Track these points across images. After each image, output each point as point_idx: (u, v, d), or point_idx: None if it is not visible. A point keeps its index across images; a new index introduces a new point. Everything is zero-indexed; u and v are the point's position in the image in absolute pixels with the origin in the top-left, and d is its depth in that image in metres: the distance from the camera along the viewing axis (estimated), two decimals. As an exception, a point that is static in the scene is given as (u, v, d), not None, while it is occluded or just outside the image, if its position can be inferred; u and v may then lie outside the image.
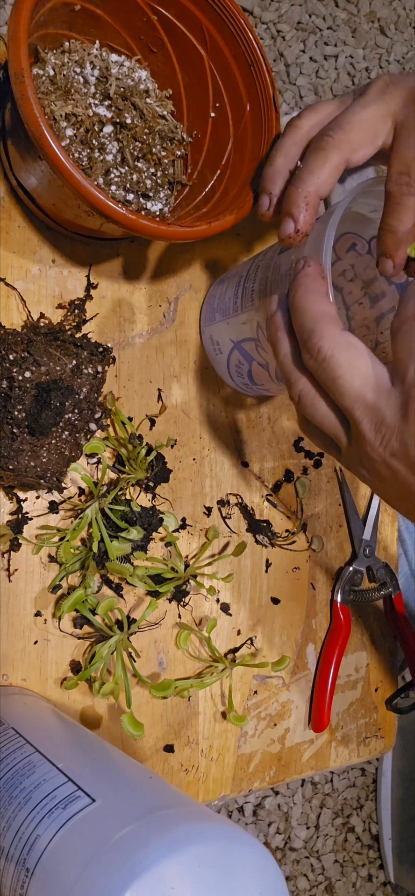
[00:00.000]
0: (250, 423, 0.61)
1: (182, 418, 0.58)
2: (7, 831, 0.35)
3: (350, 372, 0.37)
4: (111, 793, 0.36)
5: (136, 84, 0.52)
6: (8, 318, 0.51)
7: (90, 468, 0.53)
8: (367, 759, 0.67)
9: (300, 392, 0.40)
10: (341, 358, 0.37)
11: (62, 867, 0.32)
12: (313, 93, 1.54)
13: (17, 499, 0.51)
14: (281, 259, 0.47)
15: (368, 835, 1.43)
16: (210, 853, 0.32)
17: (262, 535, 0.61)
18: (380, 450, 0.37)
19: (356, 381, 0.37)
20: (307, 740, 0.63)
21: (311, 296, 0.39)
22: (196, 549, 0.58)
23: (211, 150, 0.54)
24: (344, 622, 0.64)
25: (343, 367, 0.37)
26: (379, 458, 0.37)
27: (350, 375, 0.37)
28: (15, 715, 0.45)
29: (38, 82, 0.49)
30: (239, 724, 0.58)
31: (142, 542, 0.54)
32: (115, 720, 0.53)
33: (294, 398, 0.41)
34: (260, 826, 1.34)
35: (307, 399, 0.40)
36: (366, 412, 0.37)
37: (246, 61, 0.51)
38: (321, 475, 0.65)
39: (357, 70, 1.43)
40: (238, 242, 0.61)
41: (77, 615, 0.52)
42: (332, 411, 0.39)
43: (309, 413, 0.40)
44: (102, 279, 0.55)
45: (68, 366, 0.47)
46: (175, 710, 0.56)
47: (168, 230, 0.45)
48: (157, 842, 0.31)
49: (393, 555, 0.68)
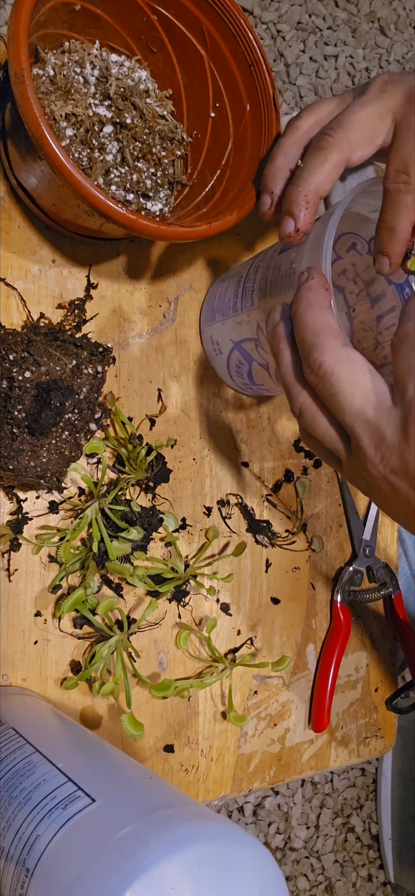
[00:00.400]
0: (250, 423, 0.61)
1: (182, 418, 0.58)
2: (7, 831, 0.35)
3: (351, 388, 0.37)
4: (111, 793, 0.36)
5: (136, 84, 0.52)
6: (8, 318, 0.51)
7: (90, 468, 0.53)
8: (367, 759, 0.67)
9: (301, 406, 0.40)
10: (342, 374, 0.37)
11: (62, 867, 0.32)
12: (313, 93, 1.54)
13: (17, 499, 0.51)
14: (281, 259, 0.47)
15: (368, 835, 1.43)
16: (210, 853, 0.32)
17: (262, 535, 0.61)
18: (380, 467, 0.37)
19: (357, 398, 0.37)
20: (307, 740, 0.63)
21: (313, 309, 0.39)
22: (196, 549, 0.58)
23: (211, 150, 0.54)
24: (344, 622, 0.64)
25: (344, 382, 0.37)
26: (379, 475, 0.37)
27: (351, 392, 0.37)
28: (15, 715, 0.45)
29: (38, 82, 0.49)
30: (239, 724, 0.58)
31: (142, 542, 0.54)
32: (115, 720, 0.53)
33: (295, 412, 0.41)
34: (260, 826, 1.34)
35: (308, 413, 0.40)
36: (366, 429, 0.37)
37: (246, 61, 0.51)
38: (321, 475, 0.65)
39: (357, 70, 1.43)
40: (238, 242, 0.61)
41: (77, 615, 0.52)
42: (332, 426, 0.39)
43: (310, 427, 0.40)
44: (102, 279, 0.55)
45: (68, 366, 0.47)
46: (175, 710, 0.56)
47: (168, 230, 0.45)
48: (157, 842, 0.31)
49: (393, 555, 0.68)
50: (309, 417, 0.40)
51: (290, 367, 0.41)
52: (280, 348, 0.41)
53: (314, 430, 0.40)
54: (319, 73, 1.42)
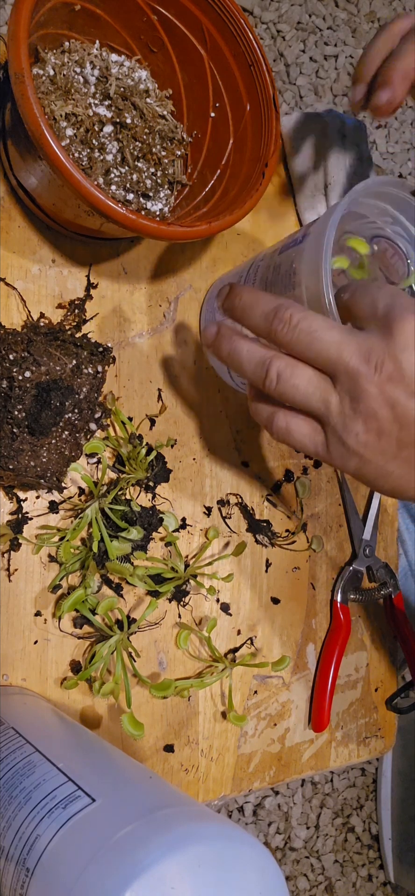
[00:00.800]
0: (250, 423, 0.61)
1: (182, 418, 0.58)
2: (7, 831, 0.35)
3: (326, 324, 0.37)
4: (111, 793, 0.36)
5: (136, 84, 0.52)
6: (8, 318, 0.51)
7: (90, 468, 0.53)
8: (367, 759, 0.67)
9: (279, 368, 0.38)
10: (313, 317, 0.37)
11: (62, 867, 0.32)
12: (313, 93, 1.54)
13: (17, 499, 0.51)
14: (281, 259, 0.47)
15: (368, 835, 1.43)
16: (210, 853, 0.32)
17: (262, 535, 0.61)
18: (376, 378, 0.36)
19: (335, 330, 0.37)
20: (307, 740, 0.63)
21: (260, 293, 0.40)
22: (196, 549, 0.58)
23: (211, 150, 0.54)
24: (344, 622, 0.64)
25: (319, 320, 0.37)
26: (376, 391, 0.36)
27: (328, 325, 0.37)
28: (15, 715, 0.45)
29: (38, 82, 0.49)
30: (239, 723, 0.58)
31: (142, 542, 0.54)
32: (115, 720, 0.53)
33: (272, 378, 0.39)
34: (260, 826, 1.34)
35: (288, 371, 0.38)
36: (353, 349, 0.36)
37: (246, 61, 0.51)
38: (321, 475, 0.65)
39: (357, 70, 1.43)
40: (238, 242, 0.61)
41: (77, 615, 0.52)
42: (315, 373, 0.38)
43: (291, 385, 0.38)
44: (102, 279, 0.55)
45: (68, 366, 0.47)
46: (175, 710, 0.56)
47: (168, 230, 0.45)
48: (157, 842, 0.31)
49: (393, 555, 0.68)
50: (289, 374, 0.38)
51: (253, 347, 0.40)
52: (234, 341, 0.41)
53: (297, 387, 0.38)
54: (319, 73, 1.42)
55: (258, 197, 0.49)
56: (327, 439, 0.39)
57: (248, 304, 0.40)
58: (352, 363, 0.36)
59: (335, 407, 0.37)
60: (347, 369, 0.36)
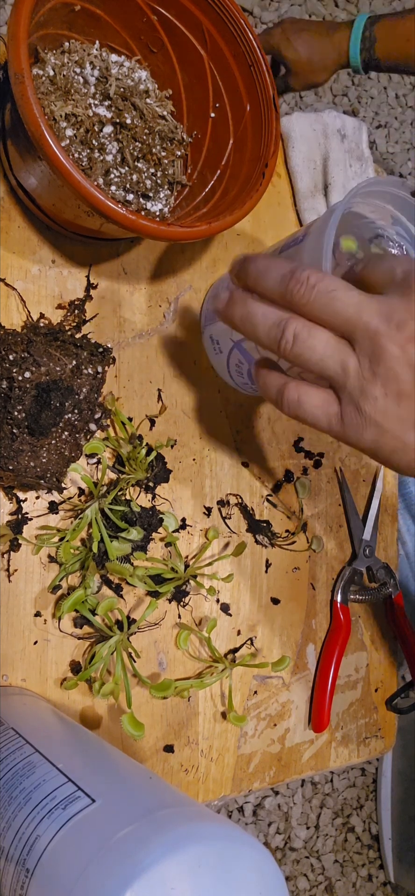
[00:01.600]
0: (250, 423, 0.61)
1: (182, 418, 0.58)
2: (7, 831, 0.35)
3: (345, 285, 0.36)
4: (111, 793, 0.36)
5: (136, 84, 0.52)
6: (8, 319, 0.51)
7: (90, 468, 0.53)
8: (367, 759, 0.67)
9: (296, 328, 0.37)
10: (332, 279, 0.36)
11: (62, 867, 0.32)
12: (312, 93, 1.55)
13: (17, 499, 0.51)
14: (281, 259, 0.47)
15: (368, 835, 1.43)
16: (210, 853, 0.32)
17: (262, 535, 0.61)
18: (398, 337, 0.34)
19: (354, 291, 0.36)
20: (307, 740, 0.63)
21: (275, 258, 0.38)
22: (196, 549, 0.58)
23: (211, 151, 0.54)
24: (344, 622, 0.64)
25: (337, 282, 0.36)
26: (398, 351, 0.34)
27: (346, 286, 0.36)
28: (15, 715, 0.45)
29: (38, 82, 0.49)
30: (239, 724, 0.58)
31: (142, 543, 0.54)
32: (115, 720, 0.53)
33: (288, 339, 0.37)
34: (260, 826, 1.34)
35: (305, 331, 0.37)
36: (374, 309, 0.35)
37: (246, 61, 0.51)
38: (321, 475, 0.65)
39: (357, 70, 1.43)
40: (238, 243, 0.61)
41: (77, 615, 0.52)
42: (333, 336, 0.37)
43: (308, 347, 0.37)
44: (102, 279, 0.55)
45: (68, 366, 0.47)
46: (175, 711, 0.56)
47: (168, 230, 0.45)
48: (157, 842, 0.31)
49: (393, 555, 0.68)
50: (306, 336, 0.37)
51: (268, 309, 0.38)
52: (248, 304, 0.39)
53: (314, 348, 0.37)
54: (319, 74, 1.41)
55: (258, 197, 0.49)
56: (342, 409, 0.37)
57: (263, 268, 0.38)
58: (372, 323, 0.35)
59: (353, 370, 0.36)
60: (367, 329, 0.35)
